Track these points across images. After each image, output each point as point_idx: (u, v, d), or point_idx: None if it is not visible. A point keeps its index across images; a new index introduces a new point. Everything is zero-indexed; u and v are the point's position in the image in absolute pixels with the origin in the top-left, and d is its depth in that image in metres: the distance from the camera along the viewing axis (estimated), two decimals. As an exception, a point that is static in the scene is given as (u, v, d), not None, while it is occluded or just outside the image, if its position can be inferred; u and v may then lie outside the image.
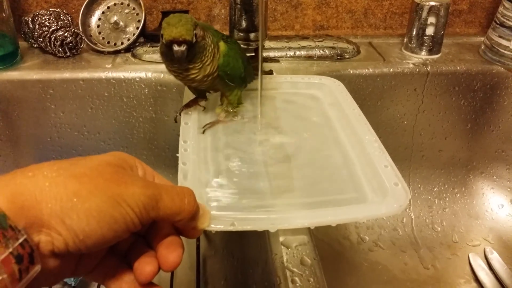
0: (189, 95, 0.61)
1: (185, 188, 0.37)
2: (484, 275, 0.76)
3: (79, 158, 0.33)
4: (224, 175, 0.50)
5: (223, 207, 0.45)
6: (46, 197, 0.29)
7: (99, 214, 0.30)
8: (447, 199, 0.87)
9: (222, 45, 0.54)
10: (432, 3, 0.77)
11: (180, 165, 0.49)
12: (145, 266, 0.34)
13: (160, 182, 0.39)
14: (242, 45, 0.77)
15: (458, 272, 0.77)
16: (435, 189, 0.87)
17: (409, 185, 0.87)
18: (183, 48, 0.48)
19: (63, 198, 0.29)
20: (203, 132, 0.57)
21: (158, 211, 0.33)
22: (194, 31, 0.48)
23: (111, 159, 0.34)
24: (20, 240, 0.27)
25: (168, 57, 0.50)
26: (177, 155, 0.50)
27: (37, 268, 0.28)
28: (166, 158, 0.79)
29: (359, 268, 0.77)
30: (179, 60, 0.49)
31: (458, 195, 0.87)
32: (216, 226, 0.41)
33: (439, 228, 0.83)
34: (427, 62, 0.79)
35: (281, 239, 0.45)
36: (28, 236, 0.28)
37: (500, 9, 0.79)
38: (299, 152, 0.55)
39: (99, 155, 0.34)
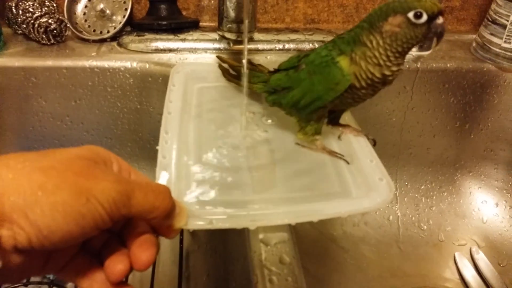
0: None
1: (160, 185, 0.35)
2: (470, 275, 0.75)
3: (49, 151, 0.32)
4: (205, 170, 0.49)
5: (202, 203, 0.44)
6: (9, 190, 0.28)
7: (65, 209, 0.28)
8: (434, 197, 0.86)
9: None
10: (424, -1, 0.76)
11: (160, 158, 0.47)
12: (116, 264, 0.33)
13: (136, 178, 0.38)
14: (232, 37, 0.76)
15: (443, 271, 0.77)
16: (422, 187, 0.86)
17: (396, 182, 0.86)
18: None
19: (27, 191, 0.28)
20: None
21: (130, 208, 0.32)
22: None
23: (83, 153, 0.33)
24: (-21, 235, 0.26)
25: (424, 39, 0.44)
26: (157, 148, 0.49)
27: (-2, 264, 0.27)
28: (151, 150, 0.77)
29: (343, 265, 0.76)
30: (442, 35, 0.44)
31: (446, 193, 0.87)
32: (193, 224, 0.40)
33: (425, 227, 0.83)
34: (418, 58, 0.78)
35: (260, 236, 0.44)
36: None
37: (493, 6, 0.78)
38: (283, 147, 0.54)
39: (71, 148, 0.33)
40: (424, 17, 0.43)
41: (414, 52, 0.80)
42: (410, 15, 0.43)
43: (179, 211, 0.37)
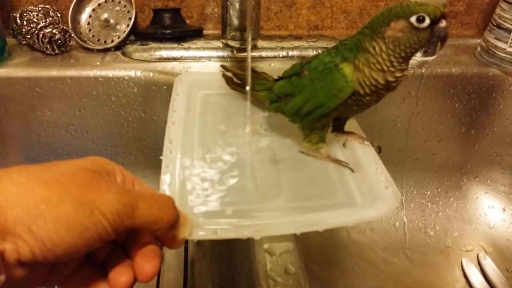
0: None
1: (164, 196, 0.35)
2: (477, 281, 0.75)
3: (52, 163, 0.32)
4: (209, 180, 0.48)
5: (206, 213, 0.44)
6: (12, 203, 0.28)
7: (69, 222, 0.28)
8: (441, 203, 0.86)
9: None
10: (428, 4, 0.76)
11: (163, 167, 0.47)
12: (120, 276, 0.33)
13: (140, 189, 0.38)
14: (235, 45, 0.77)
15: (450, 277, 0.76)
16: (428, 192, 0.86)
17: (402, 188, 0.85)
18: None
19: (30, 205, 0.28)
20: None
21: (134, 220, 0.31)
22: None
23: (86, 164, 0.33)
24: (-18, 249, 0.26)
25: (427, 43, 0.44)
26: (161, 157, 0.49)
27: (1, 278, 0.27)
28: (155, 158, 0.77)
29: (350, 272, 0.76)
30: (446, 38, 0.44)
31: (452, 199, 0.86)
32: (197, 235, 0.39)
33: (431, 233, 0.82)
34: (422, 64, 0.78)
35: (265, 246, 0.44)
36: None
37: (497, 10, 0.77)
38: (287, 155, 0.54)
39: (74, 160, 0.33)
40: (427, 21, 0.42)
41: (418, 57, 0.79)
42: (413, 19, 0.42)
43: (183, 221, 0.37)
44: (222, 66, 0.68)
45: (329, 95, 0.48)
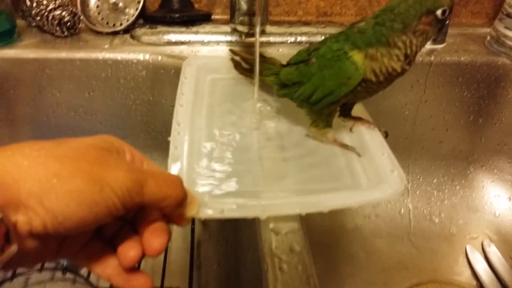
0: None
1: (173, 175, 0.36)
2: (481, 268, 0.75)
3: (63, 140, 0.32)
4: (216, 160, 0.49)
5: (213, 193, 0.44)
6: (25, 177, 0.28)
7: (80, 196, 0.29)
8: (446, 191, 0.86)
9: None
10: (438, -9, 0.75)
11: (172, 149, 0.48)
12: (128, 250, 0.34)
13: (149, 168, 0.38)
14: (244, 30, 0.76)
15: (455, 264, 0.77)
16: (435, 180, 0.86)
17: (408, 175, 0.85)
18: None
19: (42, 179, 0.28)
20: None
21: (142, 197, 0.32)
22: None
23: (97, 142, 0.33)
24: (-4, 219, 0.26)
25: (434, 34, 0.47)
26: (168, 139, 0.49)
27: (13, 248, 0.28)
28: (163, 141, 0.77)
29: (354, 257, 0.76)
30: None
31: (458, 187, 0.86)
32: (204, 213, 0.40)
33: (437, 220, 0.83)
34: (431, 52, 0.78)
35: (271, 225, 0.44)
36: (4, 215, 0.27)
37: (508, -1, 0.77)
38: (294, 139, 0.54)
39: (85, 137, 0.34)
40: (447, 13, 0.44)
41: (428, 45, 0.79)
42: (439, 12, 0.44)
43: (190, 200, 0.38)
44: (231, 50, 0.68)
45: (338, 82, 0.48)
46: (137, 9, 0.78)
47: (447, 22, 0.46)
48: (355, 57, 0.47)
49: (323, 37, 0.78)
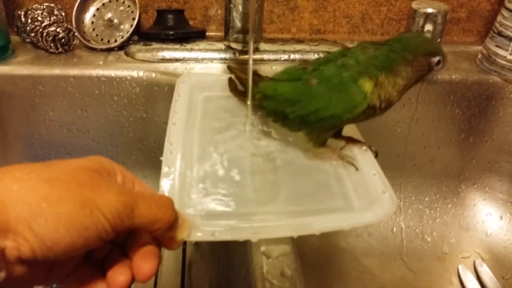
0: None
1: (164, 197, 0.36)
2: (473, 288, 0.75)
3: (54, 162, 0.32)
4: (209, 182, 0.49)
5: (205, 215, 0.44)
6: (14, 201, 0.28)
7: (69, 220, 0.29)
8: (438, 209, 0.86)
9: None
10: (430, 10, 0.76)
11: (164, 168, 0.48)
12: (118, 275, 0.34)
13: (140, 189, 0.38)
14: (238, 47, 0.77)
15: (446, 284, 0.76)
16: (426, 198, 0.86)
17: (400, 193, 0.86)
18: None
19: (32, 203, 0.28)
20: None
21: (133, 220, 0.32)
22: None
23: (87, 164, 0.33)
24: (-17, 245, 0.26)
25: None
26: (161, 158, 0.49)
27: (1, 275, 0.27)
28: (156, 158, 0.78)
29: (347, 277, 0.76)
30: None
31: (450, 205, 0.86)
32: (195, 236, 0.40)
33: (429, 239, 0.83)
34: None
35: (262, 248, 0.44)
36: None
37: (499, 18, 0.78)
38: (287, 159, 0.54)
39: (76, 159, 0.34)
40: (440, 64, 0.48)
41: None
42: (436, 59, 0.47)
43: (182, 222, 0.37)
44: (228, 67, 0.68)
45: (343, 108, 0.48)
46: (131, 25, 0.78)
47: (432, 75, 0.50)
48: (365, 85, 0.47)
49: (315, 55, 0.79)
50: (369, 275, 0.76)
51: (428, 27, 0.77)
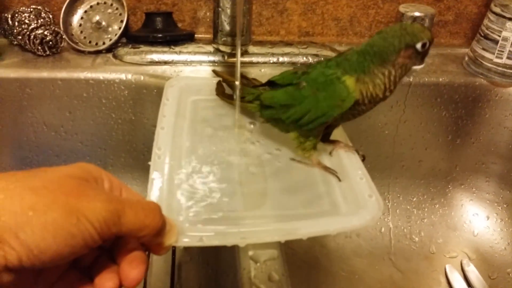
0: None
1: (151, 203, 0.36)
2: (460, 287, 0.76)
3: (40, 169, 0.32)
4: (196, 186, 0.49)
5: (192, 220, 0.44)
6: (0, 210, 0.28)
7: (56, 229, 0.29)
8: (426, 209, 0.87)
9: None
10: (417, 14, 0.77)
11: (151, 174, 0.48)
12: (105, 281, 0.34)
13: (127, 195, 0.38)
14: (227, 50, 0.77)
15: (434, 283, 0.77)
16: (414, 199, 0.87)
17: (389, 194, 0.86)
18: None
19: (18, 211, 0.28)
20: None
21: (120, 227, 0.32)
22: None
23: (74, 171, 0.33)
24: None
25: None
26: (149, 163, 0.49)
27: (-12, 284, 0.27)
28: (144, 161, 0.76)
29: (335, 277, 0.76)
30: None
31: (437, 206, 0.87)
32: (183, 242, 0.40)
33: (417, 239, 0.83)
34: (410, 72, 0.79)
35: (250, 253, 0.44)
36: None
37: (485, 21, 0.79)
38: (275, 163, 0.55)
39: (62, 167, 0.34)
40: (427, 45, 0.47)
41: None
42: (418, 46, 0.46)
43: (169, 228, 0.38)
44: (213, 71, 0.68)
45: (332, 105, 0.49)
46: (120, 28, 0.78)
47: (427, 51, 0.48)
48: (347, 81, 0.49)
49: (304, 58, 0.79)
50: (357, 275, 0.77)
51: (416, 29, 0.78)
